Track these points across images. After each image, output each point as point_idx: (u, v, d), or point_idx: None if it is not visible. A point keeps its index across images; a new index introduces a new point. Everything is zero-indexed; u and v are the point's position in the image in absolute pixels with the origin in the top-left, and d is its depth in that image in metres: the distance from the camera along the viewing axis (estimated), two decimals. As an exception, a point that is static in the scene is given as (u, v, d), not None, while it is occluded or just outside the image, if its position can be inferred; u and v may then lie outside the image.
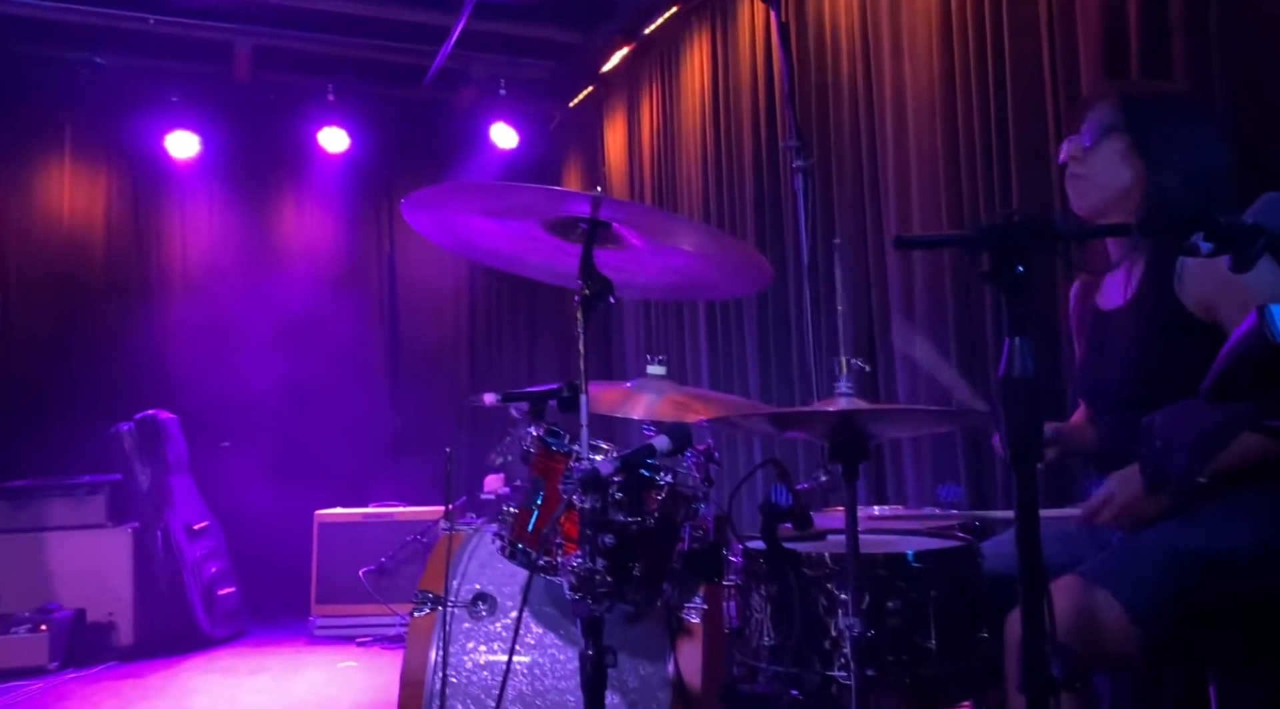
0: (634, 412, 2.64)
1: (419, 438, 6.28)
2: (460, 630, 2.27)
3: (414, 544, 4.85)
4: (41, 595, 4.53)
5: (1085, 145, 1.92)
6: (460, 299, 6.64)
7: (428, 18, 5.23)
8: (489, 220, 2.00)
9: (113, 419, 5.03)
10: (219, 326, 5.97)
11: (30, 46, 5.41)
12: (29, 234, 5.77)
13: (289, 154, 6.17)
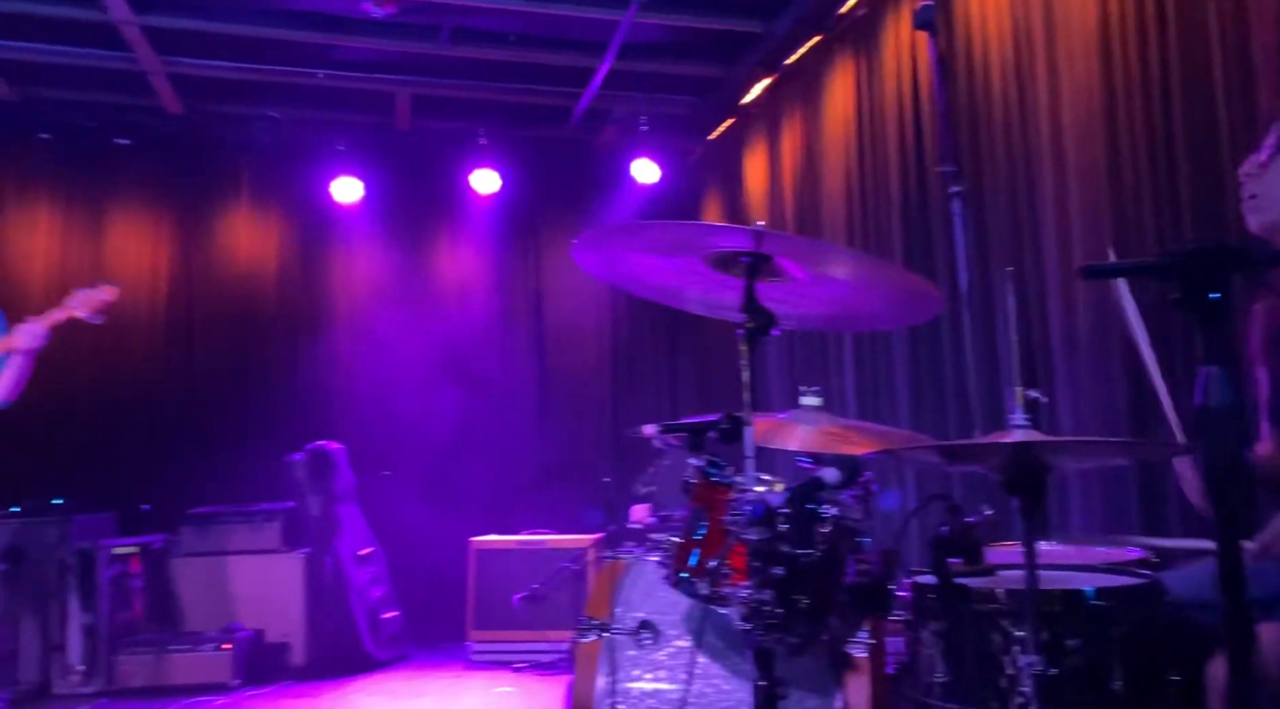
0: (788, 443, 2.64)
1: (566, 467, 6.42)
2: (626, 657, 2.32)
3: (565, 571, 4.95)
4: (224, 616, 4.85)
5: (1262, 161, 1.84)
6: (603, 332, 6.78)
7: (574, 60, 5.41)
8: (652, 257, 2.06)
9: (286, 449, 5.35)
10: (379, 361, 6.28)
11: (214, 104, 5.88)
12: (210, 275, 6.24)
13: (443, 196, 6.46)
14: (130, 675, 4.49)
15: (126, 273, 6.09)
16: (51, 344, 5.57)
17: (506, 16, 5.01)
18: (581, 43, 5.25)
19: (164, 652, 4.53)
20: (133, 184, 6.13)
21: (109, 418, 5.76)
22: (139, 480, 5.57)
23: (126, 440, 5.73)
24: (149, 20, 4.81)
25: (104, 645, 4.59)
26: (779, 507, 1.83)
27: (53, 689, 4.54)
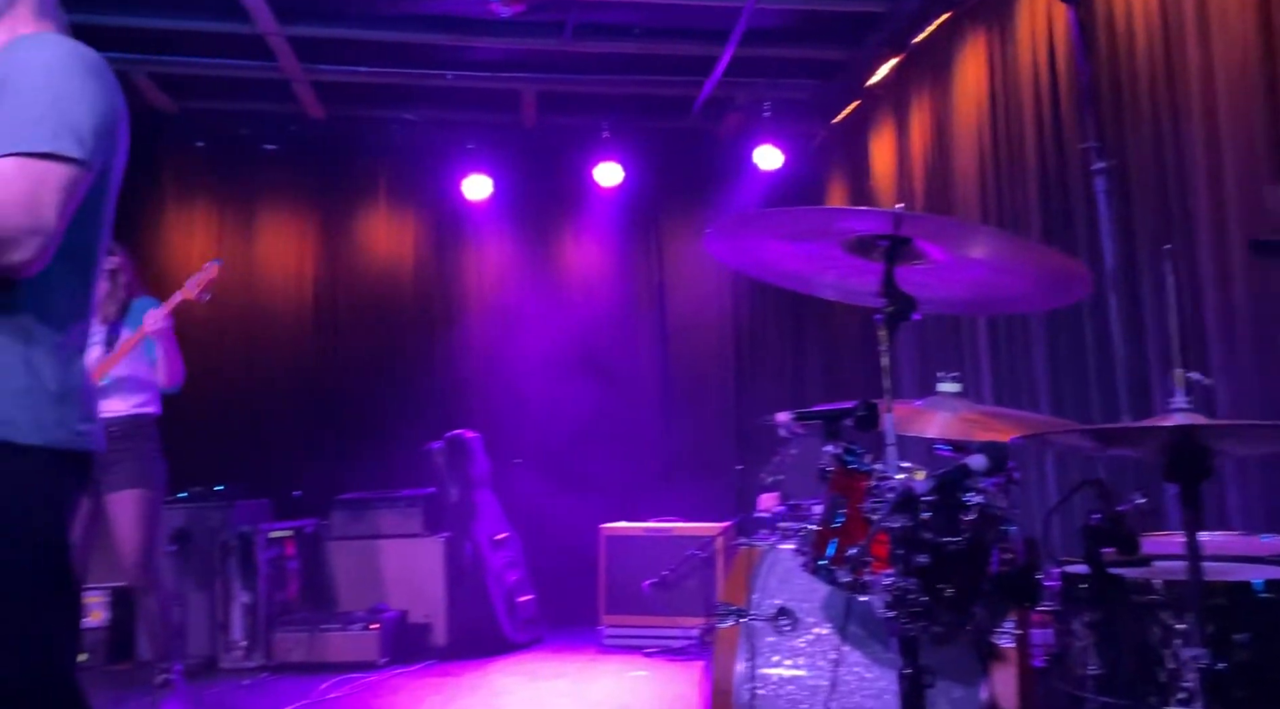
0: (926, 430, 2.60)
1: (690, 455, 6.47)
2: (764, 644, 2.33)
3: (694, 559, 4.99)
4: (372, 597, 5.09)
5: None
6: (725, 321, 6.78)
7: (696, 50, 5.42)
8: (786, 243, 2.06)
9: (426, 438, 5.57)
10: (510, 352, 6.45)
11: (353, 108, 6.15)
12: (352, 272, 6.55)
13: (568, 190, 6.58)
14: (287, 651, 4.77)
15: (275, 271, 6.46)
16: (210, 342, 5.98)
17: (629, 9, 5.06)
18: (703, 31, 5.25)
19: (317, 630, 4.79)
20: (280, 187, 6.48)
21: (263, 409, 6.13)
22: (291, 468, 5.90)
23: (279, 430, 6.09)
24: (293, 30, 5.06)
25: (263, 623, 4.89)
26: (924, 494, 1.81)
27: (219, 663, 4.87)
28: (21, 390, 1.54)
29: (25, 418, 1.54)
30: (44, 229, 1.53)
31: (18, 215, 1.51)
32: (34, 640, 1.53)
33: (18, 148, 1.53)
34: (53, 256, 1.57)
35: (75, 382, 1.63)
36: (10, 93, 1.56)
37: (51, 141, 1.55)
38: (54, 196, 1.54)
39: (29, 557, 1.53)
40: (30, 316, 1.58)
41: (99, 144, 1.61)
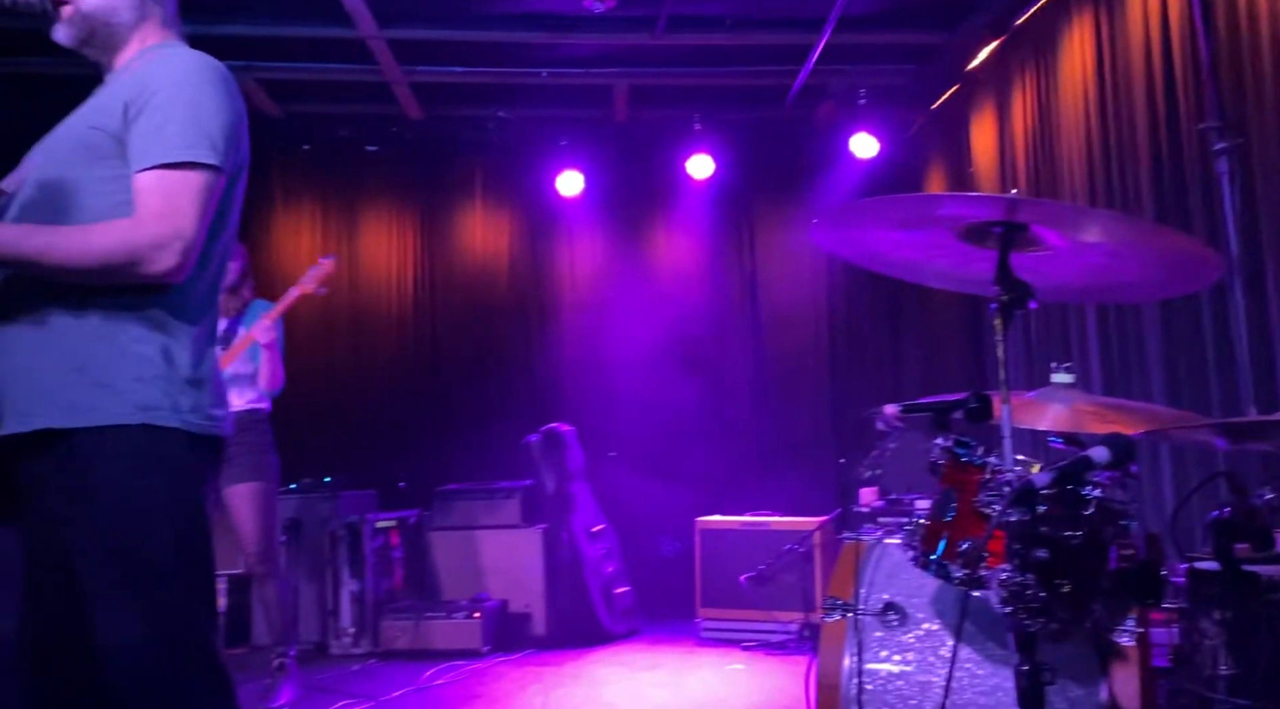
0: (1039, 422, 2.53)
1: (785, 448, 6.42)
2: (872, 639, 2.31)
3: (791, 553, 4.96)
4: (473, 586, 5.20)
5: None
6: (820, 312, 6.69)
7: (789, 39, 5.37)
8: (896, 231, 2.02)
9: (522, 430, 5.65)
10: (603, 346, 6.50)
11: (449, 108, 6.28)
12: (451, 269, 6.69)
13: (660, 183, 6.60)
14: (394, 639, 4.90)
15: (377, 269, 6.64)
16: (316, 340, 6.19)
17: (720, 1, 5.03)
18: (797, 20, 5.20)
19: (422, 618, 4.91)
20: (381, 187, 6.66)
21: (368, 403, 6.32)
22: (395, 460, 6.07)
23: (383, 423, 6.27)
24: (392, 33, 5.18)
25: (370, 610, 5.04)
26: (1043, 487, 1.76)
27: (329, 649, 5.04)
28: (160, 377, 1.64)
29: (164, 403, 1.63)
30: (185, 235, 1.62)
31: (161, 225, 1.61)
32: (177, 611, 1.62)
33: (158, 160, 1.63)
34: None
35: (207, 370, 1.72)
36: (148, 106, 1.65)
37: (188, 151, 1.64)
38: (192, 204, 1.64)
39: (170, 532, 1.62)
40: (166, 308, 1.68)
41: (229, 148, 1.70)
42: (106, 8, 1.81)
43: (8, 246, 1.60)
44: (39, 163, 1.73)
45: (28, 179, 1.73)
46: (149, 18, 1.86)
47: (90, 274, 1.62)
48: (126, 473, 1.61)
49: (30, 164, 1.76)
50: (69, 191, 1.67)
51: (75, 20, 1.81)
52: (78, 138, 1.71)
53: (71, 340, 1.64)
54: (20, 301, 1.65)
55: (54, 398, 1.61)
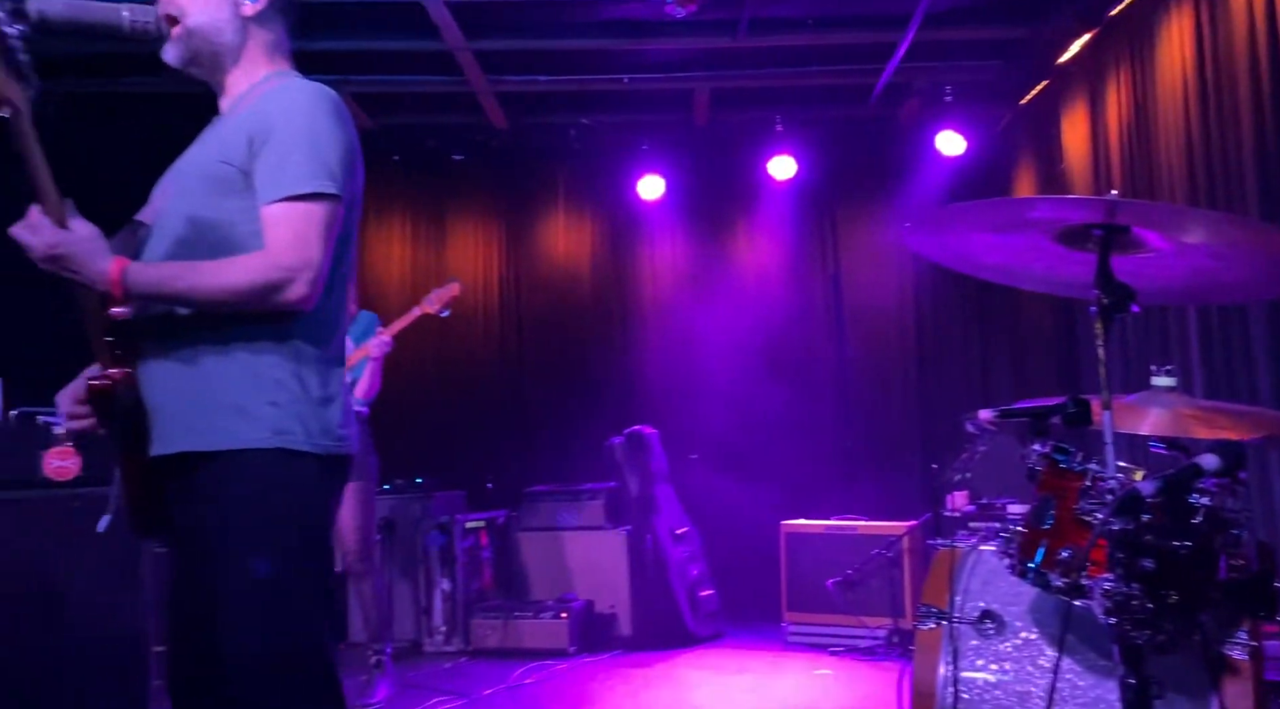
0: (1139, 426, 2.46)
1: (870, 451, 6.35)
2: (968, 647, 2.28)
3: (879, 558, 4.90)
4: (560, 586, 5.27)
5: None
6: (905, 314, 6.59)
7: (872, 38, 5.31)
8: (990, 235, 2.00)
9: (606, 433, 5.71)
10: (686, 349, 6.52)
11: (534, 116, 6.37)
12: (534, 274, 6.80)
13: (741, 185, 6.59)
14: (484, 637, 5.00)
15: (464, 274, 6.75)
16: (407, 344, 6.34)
17: (803, 3, 5.01)
18: (881, 18, 5.14)
19: (511, 617, 5.01)
20: (467, 195, 6.81)
21: (455, 406, 6.47)
22: (482, 461, 6.19)
23: (470, 425, 6.40)
24: (479, 45, 5.28)
25: (461, 609, 5.15)
26: (1149, 496, 1.72)
27: (423, 647, 5.17)
28: (293, 401, 1.73)
29: (297, 427, 1.73)
30: (313, 264, 1.71)
31: (291, 256, 1.70)
32: (298, 625, 1.71)
33: (284, 193, 1.72)
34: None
35: (336, 391, 1.81)
36: (271, 140, 1.74)
37: (312, 182, 1.73)
38: (318, 234, 1.73)
39: (297, 552, 1.72)
40: (297, 334, 1.77)
41: (346, 177, 1.78)
42: (212, 28, 1.90)
43: (160, 286, 1.71)
44: (173, 196, 1.83)
45: (163, 211, 1.84)
46: (254, 40, 1.95)
47: (230, 306, 1.73)
48: (259, 494, 1.71)
49: (163, 196, 1.86)
50: (203, 225, 1.77)
51: (182, 39, 1.90)
52: (208, 172, 1.80)
53: (210, 367, 1.74)
54: (161, 331, 1.76)
55: (195, 423, 1.72)
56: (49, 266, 1.67)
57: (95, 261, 1.66)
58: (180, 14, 1.88)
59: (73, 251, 1.66)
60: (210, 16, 1.89)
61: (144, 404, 1.76)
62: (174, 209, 1.82)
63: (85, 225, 1.71)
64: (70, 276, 1.68)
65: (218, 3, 1.90)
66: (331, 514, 1.84)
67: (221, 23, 1.90)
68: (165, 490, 1.79)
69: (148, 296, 1.71)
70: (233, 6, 1.91)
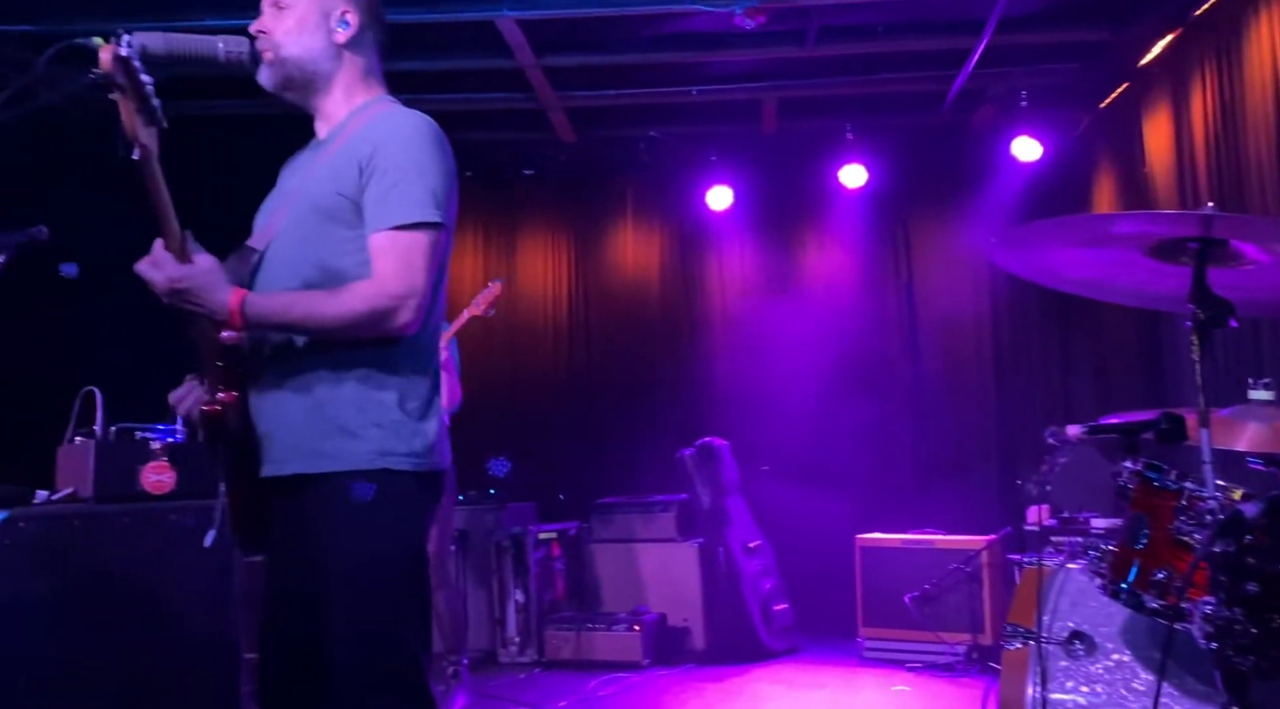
0: (1235, 442, 2.39)
1: (945, 463, 6.23)
2: (1057, 668, 2.23)
3: (957, 573, 4.81)
4: (632, 599, 5.28)
5: None
6: (982, 324, 6.46)
7: (945, 44, 5.24)
8: (1078, 250, 1.96)
9: (676, 444, 5.70)
10: (756, 359, 6.48)
11: (602, 130, 6.41)
12: (603, 286, 6.84)
13: (810, 194, 6.54)
14: (557, 649, 5.04)
15: (533, 287, 6.86)
16: (479, 356, 6.43)
17: (874, 9, 4.96)
18: (954, 24, 5.06)
19: (583, 629, 5.03)
20: (536, 208, 6.89)
21: (526, 417, 6.52)
22: (552, 472, 6.24)
23: (541, 436, 6.45)
24: (548, 61, 5.34)
25: (535, 620, 5.19)
26: (1254, 516, 1.66)
27: (498, 657, 5.22)
28: (396, 422, 1.79)
29: (400, 447, 1.78)
30: (417, 292, 1.77)
31: (398, 284, 1.76)
32: (398, 639, 1.76)
33: (391, 222, 1.77)
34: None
35: (434, 409, 1.86)
36: (378, 169, 1.79)
37: (417, 211, 1.78)
38: (422, 262, 1.78)
39: (398, 568, 1.78)
40: (400, 356, 1.82)
41: (448, 203, 1.83)
42: (305, 56, 1.96)
43: (276, 316, 1.78)
44: (285, 225, 1.90)
45: (276, 239, 1.90)
46: (348, 66, 2.01)
47: (341, 334, 1.79)
48: (363, 513, 1.76)
49: (273, 223, 1.92)
50: (315, 254, 1.84)
51: (276, 66, 1.96)
52: (322, 204, 1.85)
53: (319, 391, 1.80)
54: (271, 356, 1.84)
55: (304, 446, 1.79)
56: (171, 300, 1.74)
57: (215, 294, 1.73)
58: (273, 45, 1.94)
59: (194, 285, 1.72)
60: (304, 45, 1.95)
61: (252, 427, 1.82)
62: (287, 238, 1.88)
63: (205, 258, 1.77)
64: (192, 309, 1.74)
65: (311, 30, 1.96)
66: (429, 529, 1.90)
67: (315, 50, 1.96)
68: (269, 506, 1.86)
69: (264, 326, 1.78)
70: (326, 34, 1.97)
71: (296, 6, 1.97)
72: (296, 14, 1.96)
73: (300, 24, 1.96)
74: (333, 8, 1.99)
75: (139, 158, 1.67)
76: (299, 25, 1.96)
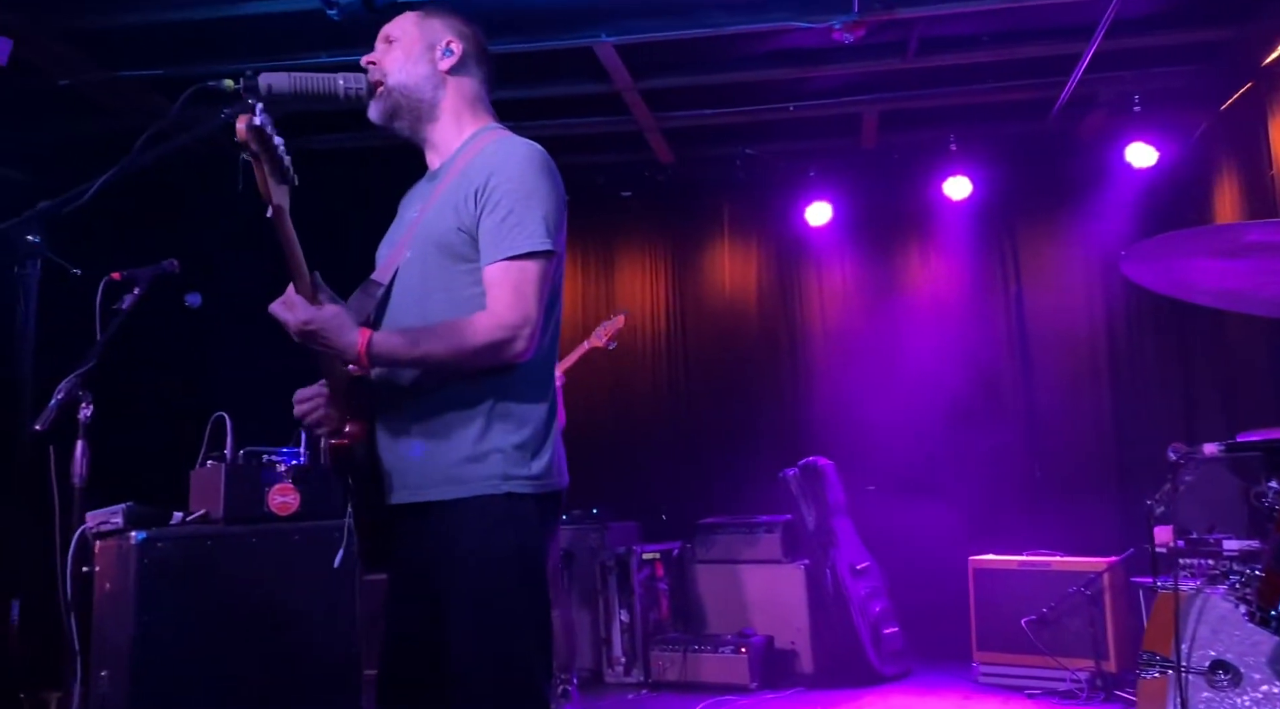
0: (1390, 460, 2.24)
1: (1059, 481, 6.00)
2: (1198, 698, 2.11)
3: (1077, 596, 4.63)
4: (737, 620, 5.23)
5: None
6: (1096, 336, 6.22)
7: (1053, 50, 5.09)
8: (1214, 261, 1.87)
9: (778, 464, 5.63)
10: (859, 376, 6.37)
11: (699, 150, 6.44)
12: (700, 305, 6.84)
13: (912, 207, 6.43)
14: (663, 670, 5.02)
15: (631, 307, 6.86)
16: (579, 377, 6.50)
17: (979, 19, 4.86)
18: (1062, 30, 4.92)
19: (689, 650, 5.00)
20: (634, 229, 6.94)
21: (626, 437, 6.55)
22: (653, 492, 6.24)
23: (641, 456, 6.47)
24: (646, 84, 5.39)
25: (640, 641, 5.19)
26: None
27: (604, 677, 5.23)
28: (518, 448, 1.83)
29: (522, 472, 1.83)
30: (531, 320, 1.81)
31: (513, 314, 1.81)
32: (523, 659, 1.79)
33: (505, 253, 1.82)
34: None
35: (553, 432, 1.89)
36: (490, 200, 1.85)
37: (528, 241, 1.83)
38: (534, 290, 1.82)
39: (522, 590, 1.81)
40: (520, 382, 1.86)
41: (559, 231, 1.87)
42: (410, 82, 2.03)
43: (400, 352, 1.84)
44: (409, 261, 1.96)
45: (400, 270, 1.96)
46: (454, 94, 2.07)
47: (461, 366, 1.85)
48: (489, 536, 1.81)
49: (396, 255, 1.99)
50: (438, 287, 1.90)
51: (384, 95, 2.03)
52: (446, 240, 1.91)
53: (444, 420, 1.86)
54: (397, 387, 1.90)
55: (431, 474, 1.85)
56: (302, 340, 1.82)
57: (344, 335, 1.80)
58: (382, 74, 2.02)
59: (324, 327, 1.79)
60: (409, 73, 2.03)
61: (378, 456, 1.89)
62: (410, 271, 1.95)
63: (331, 301, 1.86)
64: (322, 349, 1.82)
65: (415, 59, 2.04)
66: (549, 549, 1.92)
67: (420, 78, 2.04)
68: (394, 530, 1.92)
69: (390, 363, 1.84)
70: (430, 63, 2.04)
71: (404, 39, 2.07)
72: (404, 45, 2.06)
73: (407, 53, 2.05)
74: (438, 38, 2.07)
75: (272, 216, 1.74)
76: (406, 54, 2.05)
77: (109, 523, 2.93)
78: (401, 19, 2.10)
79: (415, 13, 2.11)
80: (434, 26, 2.08)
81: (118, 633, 2.76)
